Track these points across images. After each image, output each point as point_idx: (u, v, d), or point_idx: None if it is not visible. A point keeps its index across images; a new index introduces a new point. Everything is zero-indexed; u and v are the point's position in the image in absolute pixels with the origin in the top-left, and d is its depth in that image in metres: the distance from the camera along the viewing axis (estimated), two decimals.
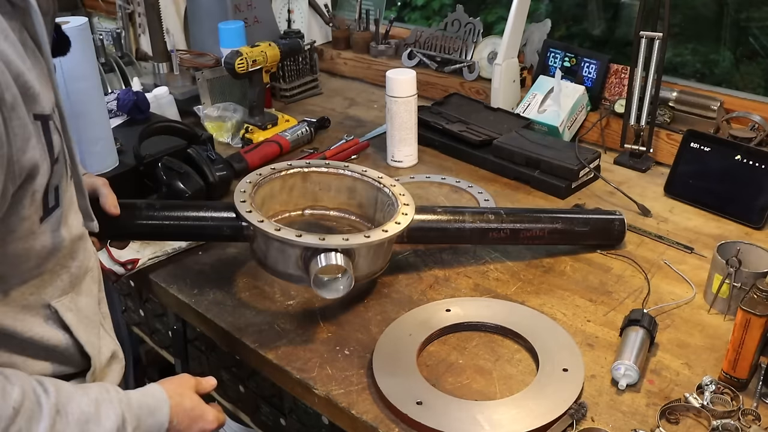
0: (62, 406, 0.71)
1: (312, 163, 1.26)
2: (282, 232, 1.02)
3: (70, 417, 0.71)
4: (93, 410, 0.73)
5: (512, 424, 0.89)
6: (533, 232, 1.21)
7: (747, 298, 0.94)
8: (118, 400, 0.77)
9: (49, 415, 0.68)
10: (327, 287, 1.02)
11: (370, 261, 1.10)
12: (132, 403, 0.79)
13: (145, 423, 0.79)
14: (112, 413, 0.75)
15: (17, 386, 0.67)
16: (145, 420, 0.79)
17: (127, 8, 1.97)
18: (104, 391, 0.77)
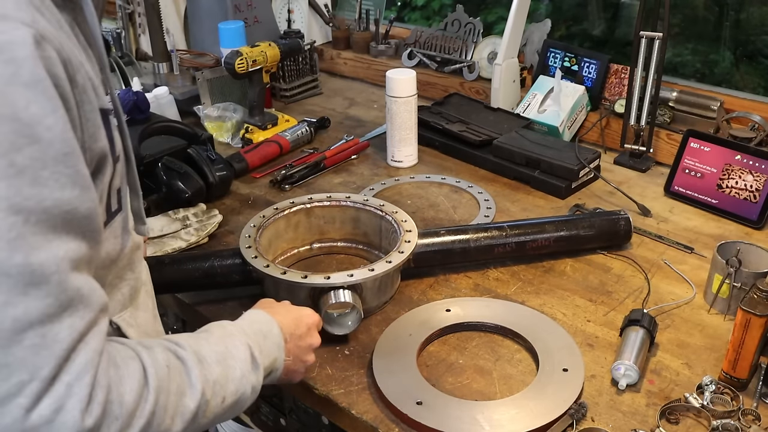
0: (198, 353, 0.73)
1: (314, 198, 1.29)
2: (288, 275, 1.06)
3: (209, 359, 0.74)
4: (223, 348, 0.77)
5: (512, 424, 0.89)
6: (539, 242, 1.21)
7: (747, 298, 0.94)
8: (237, 331, 0.81)
9: (194, 364, 0.71)
10: (337, 323, 1.05)
11: (378, 292, 1.12)
12: (248, 331, 0.82)
13: (265, 346, 0.83)
14: (239, 344, 0.79)
15: (159, 348, 0.70)
16: (263, 343, 0.83)
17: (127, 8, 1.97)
18: (221, 328, 0.81)
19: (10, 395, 0.56)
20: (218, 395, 0.73)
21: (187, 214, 1.36)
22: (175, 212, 1.36)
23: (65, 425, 0.57)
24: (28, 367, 0.56)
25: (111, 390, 0.61)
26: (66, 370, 0.58)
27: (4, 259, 0.55)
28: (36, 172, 0.56)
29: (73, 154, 0.59)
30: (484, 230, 1.20)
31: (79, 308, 0.59)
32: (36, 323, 0.56)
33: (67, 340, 0.58)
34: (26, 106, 0.56)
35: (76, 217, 0.59)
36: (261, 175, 1.58)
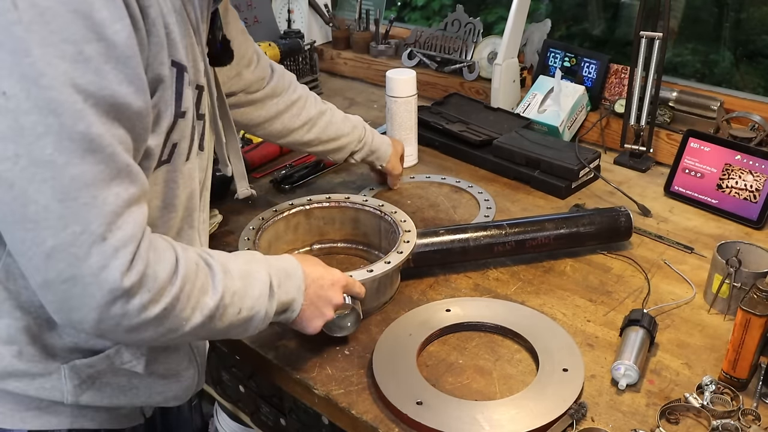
0: (225, 266, 0.81)
1: (313, 200, 1.29)
2: None
3: (234, 273, 0.81)
4: (247, 268, 0.84)
5: (512, 424, 0.89)
6: (539, 240, 1.21)
7: (747, 298, 0.94)
8: (263, 261, 0.88)
9: (220, 272, 0.79)
10: (336, 325, 1.04)
11: (377, 293, 1.12)
12: (272, 264, 0.88)
13: (285, 284, 0.89)
14: (262, 270, 0.86)
15: (192, 251, 0.78)
16: (284, 281, 0.89)
17: None
18: (250, 254, 0.88)
19: (65, 243, 0.65)
20: (236, 305, 0.80)
21: None
22: None
23: (107, 280, 0.67)
24: (80, 221, 0.65)
25: (149, 265, 0.70)
26: (114, 235, 0.67)
27: (70, 125, 0.63)
28: (100, 65, 0.64)
29: (133, 58, 0.67)
30: (484, 229, 1.20)
31: (126, 181, 0.68)
32: (90, 184, 0.65)
33: (114, 204, 0.67)
34: (99, 9, 0.64)
35: (129, 111, 0.67)
36: (261, 175, 1.58)
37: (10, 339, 0.78)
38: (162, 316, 0.72)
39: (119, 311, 0.69)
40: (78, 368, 0.82)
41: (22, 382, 0.80)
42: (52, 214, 0.64)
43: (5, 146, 0.63)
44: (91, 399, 0.84)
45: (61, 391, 0.81)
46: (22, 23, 0.61)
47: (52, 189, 0.64)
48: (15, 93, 0.62)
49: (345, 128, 1.36)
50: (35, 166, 0.63)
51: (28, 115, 0.62)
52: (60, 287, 0.67)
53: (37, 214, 0.64)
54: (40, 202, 0.64)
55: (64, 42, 0.62)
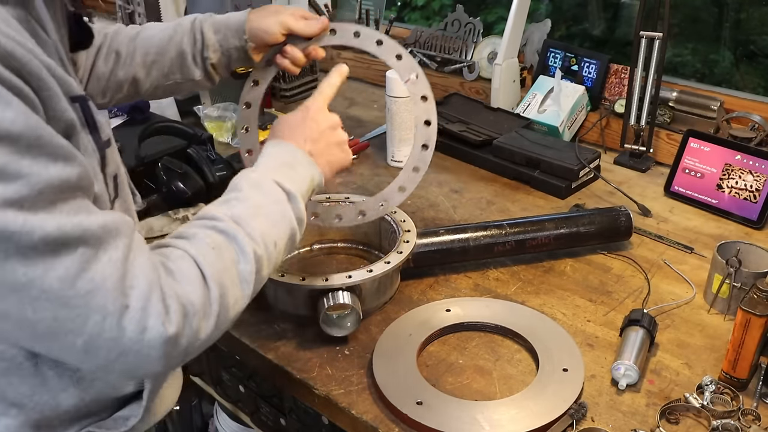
0: (234, 217, 0.77)
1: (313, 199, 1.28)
2: (286, 277, 1.06)
3: (245, 216, 0.78)
4: (254, 200, 0.80)
5: (512, 424, 0.89)
6: (539, 240, 1.21)
7: (747, 298, 0.94)
8: (262, 175, 0.84)
9: (235, 230, 0.76)
10: (336, 325, 1.05)
11: (377, 293, 1.12)
12: (273, 168, 0.85)
13: (296, 174, 0.86)
14: (268, 188, 0.82)
15: (200, 233, 0.75)
16: (293, 174, 0.86)
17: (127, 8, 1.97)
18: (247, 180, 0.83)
19: (94, 335, 0.63)
20: (269, 244, 0.79)
21: (187, 214, 1.36)
22: (175, 212, 1.36)
23: (154, 339, 0.65)
24: (94, 309, 0.63)
25: (179, 296, 0.68)
26: (133, 296, 0.64)
27: (26, 241, 0.59)
28: (16, 164, 0.59)
29: (43, 135, 0.61)
30: (484, 229, 1.20)
31: (110, 241, 0.65)
32: (80, 273, 0.62)
33: (113, 271, 0.64)
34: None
35: (71, 184, 0.63)
36: None
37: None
38: (217, 320, 0.72)
39: (181, 348, 0.68)
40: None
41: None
42: (64, 321, 0.62)
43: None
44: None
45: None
46: None
47: (49, 301, 0.61)
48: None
49: (165, 33, 1.09)
50: (17, 291, 0.60)
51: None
52: (115, 365, 0.66)
53: (50, 328, 0.62)
54: (45, 318, 0.62)
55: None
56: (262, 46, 1.07)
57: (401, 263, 1.11)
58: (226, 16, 1.09)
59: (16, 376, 0.73)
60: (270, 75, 1.11)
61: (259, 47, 1.07)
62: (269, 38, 1.05)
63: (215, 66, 1.11)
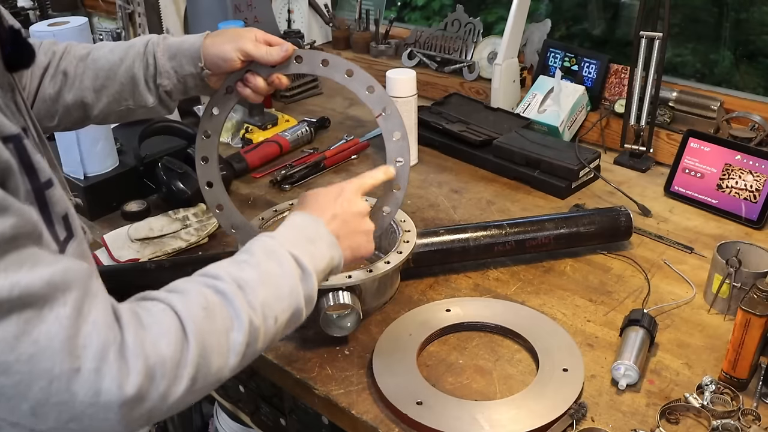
0: (239, 280, 0.72)
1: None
2: None
3: (252, 283, 0.72)
4: (266, 267, 0.75)
5: (512, 424, 0.89)
6: (539, 240, 1.21)
7: (747, 298, 0.94)
8: (280, 245, 0.79)
9: (236, 294, 0.70)
10: (336, 325, 1.04)
11: (377, 293, 1.12)
12: (293, 240, 0.80)
13: (316, 251, 0.81)
14: (284, 259, 0.77)
15: (191, 291, 0.69)
16: (313, 249, 0.81)
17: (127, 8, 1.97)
18: (262, 245, 0.78)
19: (42, 400, 0.58)
20: (269, 317, 0.73)
21: (187, 214, 1.36)
22: (175, 212, 1.36)
23: (110, 402, 0.59)
24: (39, 374, 0.57)
25: (148, 356, 0.61)
26: (84, 358, 0.58)
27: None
28: None
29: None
30: (484, 229, 1.20)
31: (58, 297, 0.58)
32: (21, 336, 0.56)
33: (59, 331, 0.57)
34: None
35: (5, 237, 0.57)
36: (261, 175, 1.58)
37: None
38: (191, 384, 0.65)
39: (144, 411, 0.62)
40: None
41: None
42: (7, 387, 0.57)
43: None
44: None
45: None
46: None
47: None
48: None
49: (116, 56, 1.00)
50: None
51: None
52: (70, 425, 0.60)
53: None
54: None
55: None
56: (220, 74, 1.00)
57: (401, 263, 1.11)
58: (180, 40, 1.01)
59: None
60: (230, 104, 1.03)
61: (216, 74, 1.00)
62: (226, 66, 0.98)
63: (170, 93, 1.02)
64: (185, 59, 0.99)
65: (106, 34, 2.03)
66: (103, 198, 1.42)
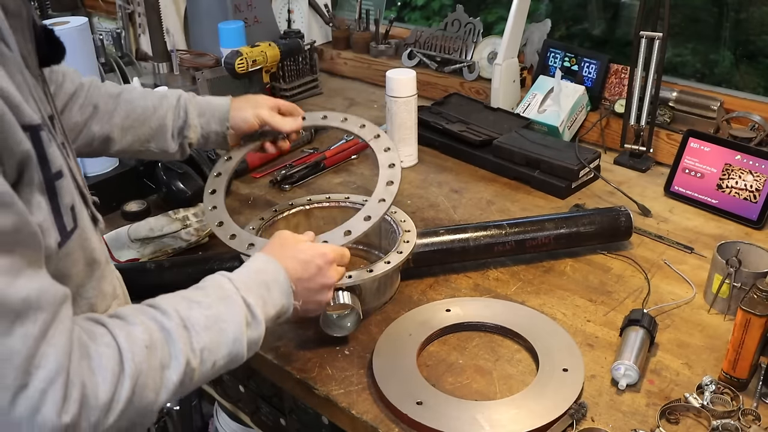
0: (186, 320, 0.73)
1: (313, 200, 1.29)
2: None
3: (198, 326, 0.74)
4: (216, 311, 0.77)
5: (512, 424, 0.89)
6: (539, 240, 1.21)
7: (747, 298, 0.94)
8: (236, 290, 0.80)
9: (179, 335, 0.72)
10: (336, 325, 1.04)
11: (377, 293, 1.12)
12: (250, 285, 0.82)
13: (270, 297, 0.84)
14: (236, 306, 0.79)
15: (138, 324, 0.70)
16: (267, 295, 0.83)
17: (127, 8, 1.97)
18: (219, 288, 0.80)
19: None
20: (207, 361, 0.75)
21: (187, 214, 1.36)
22: (175, 212, 1.36)
23: (44, 425, 0.59)
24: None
25: (85, 385, 0.63)
26: (35, 377, 0.59)
27: None
28: None
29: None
30: (484, 229, 1.20)
31: (29, 315, 0.60)
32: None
33: (23, 348, 0.59)
34: None
35: (2, 236, 0.58)
36: (261, 175, 1.58)
37: None
38: (121, 416, 0.66)
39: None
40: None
41: None
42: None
43: None
44: None
45: None
46: None
47: None
48: None
49: (149, 102, 1.11)
50: None
51: None
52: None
53: None
54: None
55: None
56: (240, 133, 1.19)
57: (401, 263, 1.11)
58: (208, 100, 1.17)
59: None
60: (243, 152, 1.22)
61: (236, 133, 1.19)
62: (246, 126, 1.17)
63: (191, 144, 1.17)
64: (213, 118, 1.16)
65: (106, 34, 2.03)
66: (103, 198, 1.40)
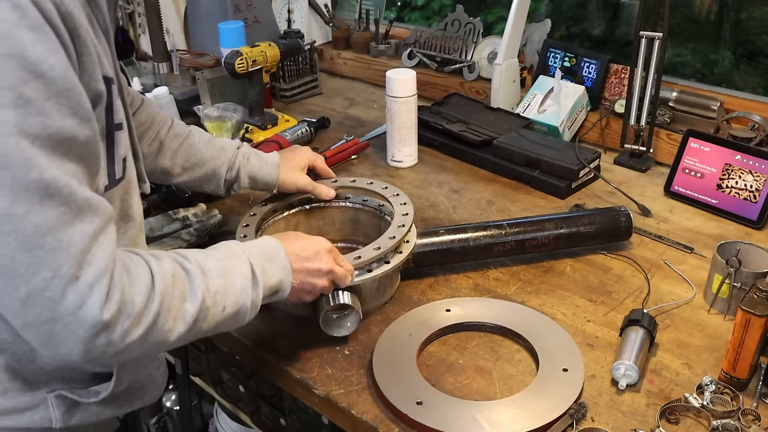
0: (202, 266, 0.81)
1: (313, 199, 1.29)
2: None
3: (212, 272, 0.82)
4: (226, 264, 0.84)
5: (512, 424, 0.89)
6: (539, 240, 1.21)
7: (747, 298, 0.94)
8: (242, 251, 0.88)
9: (197, 275, 0.79)
10: (336, 325, 1.05)
11: (377, 293, 1.12)
12: (253, 252, 0.89)
13: (270, 268, 0.89)
14: (242, 262, 0.86)
15: (167, 259, 0.78)
16: (267, 265, 0.89)
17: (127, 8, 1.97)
18: (228, 248, 0.88)
19: (38, 290, 0.65)
20: (219, 304, 0.81)
21: (187, 214, 1.36)
22: (175, 212, 1.36)
23: (86, 317, 0.67)
24: (50, 266, 0.65)
25: (125, 292, 0.70)
26: (86, 272, 0.67)
27: (22, 176, 0.63)
28: (41, 104, 0.64)
29: (73, 89, 0.66)
30: (484, 229, 1.20)
31: (88, 215, 0.68)
32: (53, 228, 0.65)
33: (80, 242, 0.67)
34: (32, 46, 0.63)
35: (76, 143, 0.67)
36: None
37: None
38: (146, 335, 0.73)
39: (104, 341, 0.70)
40: (63, 396, 0.83)
41: (11, 419, 0.81)
42: (19, 264, 0.65)
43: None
44: (80, 420, 0.85)
45: (50, 419, 0.83)
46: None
47: (16, 241, 0.64)
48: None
49: (209, 151, 1.21)
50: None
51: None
52: (41, 328, 0.67)
53: (5, 266, 0.65)
54: (5, 254, 0.64)
55: (1, 89, 0.62)
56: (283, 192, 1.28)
57: (401, 263, 1.11)
58: (259, 165, 1.24)
59: (2, 321, 0.76)
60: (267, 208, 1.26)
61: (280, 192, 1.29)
62: (290, 191, 1.27)
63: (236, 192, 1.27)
64: (262, 183, 1.25)
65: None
66: None
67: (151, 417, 1.82)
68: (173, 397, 1.82)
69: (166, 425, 1.84)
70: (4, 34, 0.62)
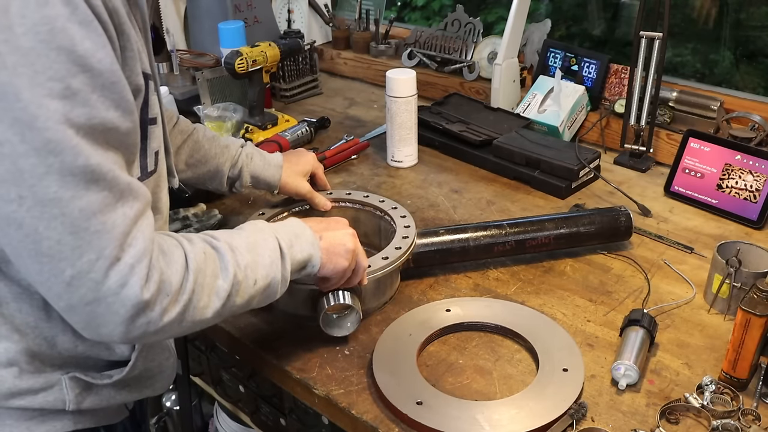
0: (231, 244, 0.84)
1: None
2: None
3: (241, 248, 0.84)
4: (254, 239, 0.87)
5: (512, 424, 0.89)
6: (539, 240, 1.21)
7: (747, 298, 0.94)
8: (269, 228, 0.91)
9: (227, 252, 0.82)
10: (336, 325, 1.05)
11: (377, 293, 1.12)
12: (279, 229, 0.91)
13: (297, 243, 0.92)
14: (269, 237, 0.88)
15: (197, 239, 0.82)
16: (295, 241, 0.92)
17: None
18: (254, 225, 0.91)
19: (83, 271, 0.68)
20: (250, 278, 0.84)
21: (187, 214, 1.36)
22: (175, 212, 1.36)
23: (128, 297, 0.70)
24: (94, 248, 0.68)
25: (163, 272, 0.74)
26: (127, 253, 0.70)
27: (70, 161, 0.66)
28: (87, 95, 0.67)
29: (118, 83, 0.70)
30: (484, 229, 1.20)
31: (129, 200, 0.71)
32: (98, 212, 0.68)
33: (122, 224, 0.70)
34: (81, 41, 0.66)
35: (118, 133, 0.71)
36: None
37: (10, 361, 0.80)
38: (182, 312, 0.76)
39: (144, 320, 0.72)
40: (78, 379, 0.84)
41: (26, 399, 0.82)
42: (66, 246, 0.67)
43: (7, 189, 0.65)
44: (92, 403, 0.86)
45: (63, 400, 0.84)
46: (7, 68, 0.63)
47: (63, 224, 0.67)
48: (8, 138, 0.64)
49: (213, 149, 1.24)
50: (42, 205, 0.66)
51: (27, 158, 0.65)
52: (84, 309, 0.70)
53: (51, 249, 0.67)
54: (52, 237, 0.67)
55: (51, 80, 0.64)
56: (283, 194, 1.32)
57: (402, 261, 1.11)
58: (262, 166, 1.27)
59: (27, 304, 0.79)
60: (274, 211, 1.27)
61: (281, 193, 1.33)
62: (290, 195, 1.31)
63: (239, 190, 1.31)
64: (264, 183, 1.28)
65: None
66: None
67: (151, 417, 1.82)
68: (173, 397, 1.82)
69: (166, 425, 1.84)
70: (55, 28, 0.64)
